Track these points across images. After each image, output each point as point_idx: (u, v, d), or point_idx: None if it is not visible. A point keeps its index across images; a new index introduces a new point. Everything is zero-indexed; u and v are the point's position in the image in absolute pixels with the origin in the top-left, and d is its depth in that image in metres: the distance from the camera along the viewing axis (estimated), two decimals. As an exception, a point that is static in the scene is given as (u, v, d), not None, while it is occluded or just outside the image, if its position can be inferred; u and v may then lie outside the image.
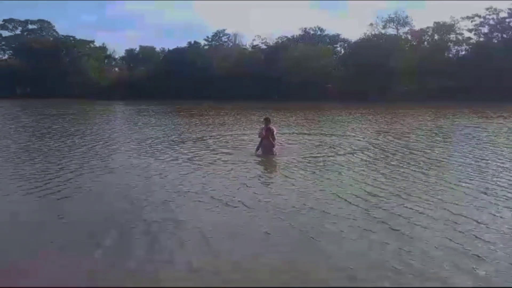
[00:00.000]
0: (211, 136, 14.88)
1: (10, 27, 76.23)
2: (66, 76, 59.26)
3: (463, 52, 51.80)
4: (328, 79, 52.36)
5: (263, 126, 11.08)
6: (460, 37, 51.73)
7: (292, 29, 79.00)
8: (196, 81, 52.60)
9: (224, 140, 13.78)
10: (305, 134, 15.77)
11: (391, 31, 55.29)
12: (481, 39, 50.91)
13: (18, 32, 76.79)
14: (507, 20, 49.69)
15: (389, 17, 55.02)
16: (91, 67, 62.24)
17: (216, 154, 11.12)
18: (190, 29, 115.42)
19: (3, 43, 76.65)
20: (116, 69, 70.82)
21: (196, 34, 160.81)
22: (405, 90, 46.30)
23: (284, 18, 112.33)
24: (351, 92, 44.39)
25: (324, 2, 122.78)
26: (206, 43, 66.51)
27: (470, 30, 51.55)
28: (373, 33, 54.85)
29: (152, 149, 12.05)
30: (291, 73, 48.38)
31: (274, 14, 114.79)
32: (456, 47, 52.36)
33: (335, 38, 61.32)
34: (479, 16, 50.63)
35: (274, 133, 10.96)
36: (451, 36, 51.84)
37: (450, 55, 51.94)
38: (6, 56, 75.52)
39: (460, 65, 46.95)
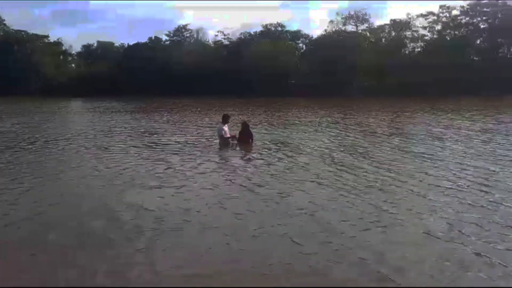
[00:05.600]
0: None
1: (-45, 20, 71.32)
2: (20, 73, 56.28)
3: (418, 49, 53.86)
4: (291, 75, 52.98)
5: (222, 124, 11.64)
6: (415, 34, 53.78)
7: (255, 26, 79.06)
8: (156, 77, 51.72)
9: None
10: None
11: (351, 28, 56.73)
12: (435, 36, 53.09)
13: (-37, 26, 72.04)
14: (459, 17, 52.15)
15: (348, 14, 56.43)
16: (46, 63, 59.54)
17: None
18: (157, 24, 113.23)
19: None
20: (73, 65, 68.19)
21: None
22: (365, 85, 47.63)
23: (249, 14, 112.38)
24: (313, 88, 45.20)
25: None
26: (167, 38, 65.40)
27: (425, 28, 53.71)
28: (333, 29, 55.99)
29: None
30: (254, 69, 48.50)
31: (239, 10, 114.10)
32: (412, 44, 54.42)
33: (297, 34, 61.95)
34: (433, 14, 52.94)
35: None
36: (407, 33, 53.83)
37: (407, 52, 53.88)
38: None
39: (416, 61, 48.61)
